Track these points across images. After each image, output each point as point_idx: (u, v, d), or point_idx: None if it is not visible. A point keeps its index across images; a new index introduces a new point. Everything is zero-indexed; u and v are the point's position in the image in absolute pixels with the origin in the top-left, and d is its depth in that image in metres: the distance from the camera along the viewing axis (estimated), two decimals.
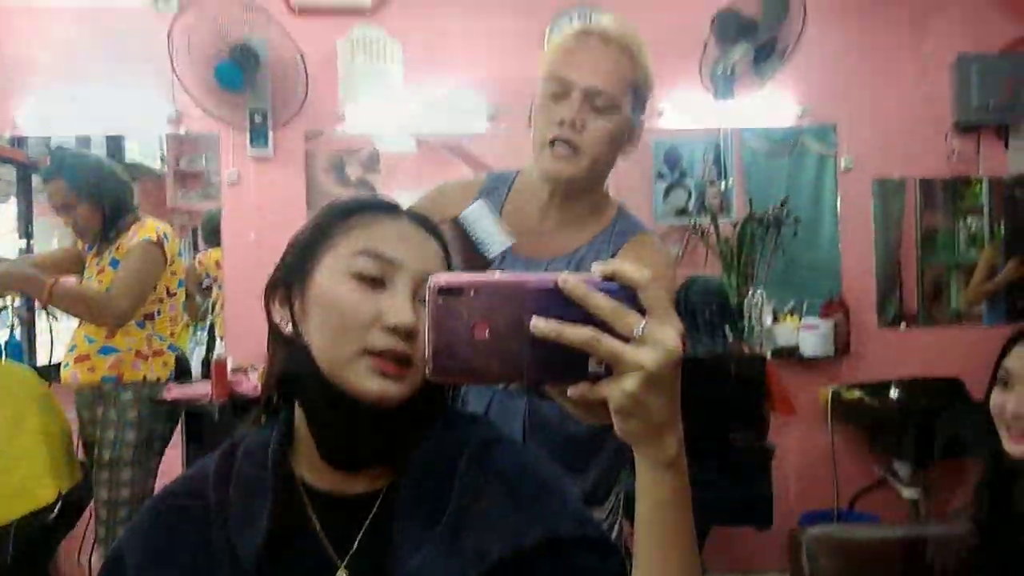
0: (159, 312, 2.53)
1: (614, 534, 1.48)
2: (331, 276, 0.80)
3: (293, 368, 0.81)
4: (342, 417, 0.78)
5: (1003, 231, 3.72)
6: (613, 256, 1.34)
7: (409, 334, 0.76)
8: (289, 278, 0.83)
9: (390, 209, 0.85)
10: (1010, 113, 3.55)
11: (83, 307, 2.40)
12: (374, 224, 0.82)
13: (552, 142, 1.26)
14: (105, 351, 2.44)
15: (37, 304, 2.78)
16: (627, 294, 0.59)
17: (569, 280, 0.58)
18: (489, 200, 1.37)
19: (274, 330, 0.85)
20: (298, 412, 0.84)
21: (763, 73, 3.45)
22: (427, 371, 0.59)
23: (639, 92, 1.32)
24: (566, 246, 1.37)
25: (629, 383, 0.58)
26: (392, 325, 0.76)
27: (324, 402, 0.79)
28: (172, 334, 2.59)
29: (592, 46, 1.28)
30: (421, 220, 0.86)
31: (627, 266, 0.59)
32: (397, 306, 0.77)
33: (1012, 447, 1.26)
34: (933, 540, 1.59)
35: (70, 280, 2.47)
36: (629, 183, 3.56)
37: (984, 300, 3.68)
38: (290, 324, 0.82)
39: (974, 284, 3.68)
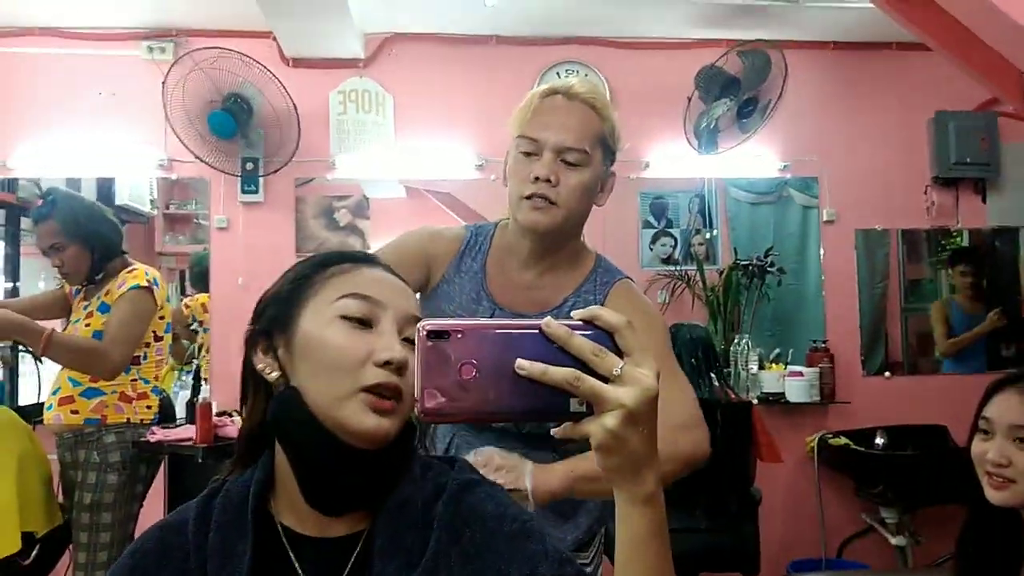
0: (145, 356, 2.52)
1: (598, 574, 1.47)
2: (319, 320, 0.82)
3: (281, 413, 0.82)
4: (330, 458, 0.79)
5: (984, 282, 3.78)
6: (601, 304, 1.36)
7: (400, 368, 0.79)
8: (271, 328, 0.86)
9: (365, 258, 0.90)
10: (986, 168, 3.65)
11: (78, 358, 2.38)
12: (352, 271, 0.86)
13: (529, 197, 1.31)
14: (89, 394, 2.42)
15: (21, 346, 2.77)
16: (605, 337, 0.62)
17: (552, 324, 0.61)
18: (471, 253, 1.43)
19: (255, 378, 0.87)
20: (279, 457, 0.84)
21: (746, 128, 3.54)
22: (416, 411, 0.62)
23: (607, 144, 1.37)
24: (552, 298, 1.40)
25: (610, 420, 0.61)
26: (385, 360, 0.79)
27: (314, 444, 0.80)
28: (157, 377, 2.58)
29: (559, 105, 1.33)
30: (391, 270, 0.91)
31: (604, 311, 0.63)
32: (386, 343, 0.80)
33: (992, 494, 1.28)
34: None
35: (64, 331, 2.46)
36: (616, 231, 3.61)
37: (958, 351, 3.72)
38: (276, 370, 0.84)
39: (939, 339, 3.73)
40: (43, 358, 2.43)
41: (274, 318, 0.86)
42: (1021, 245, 3.80)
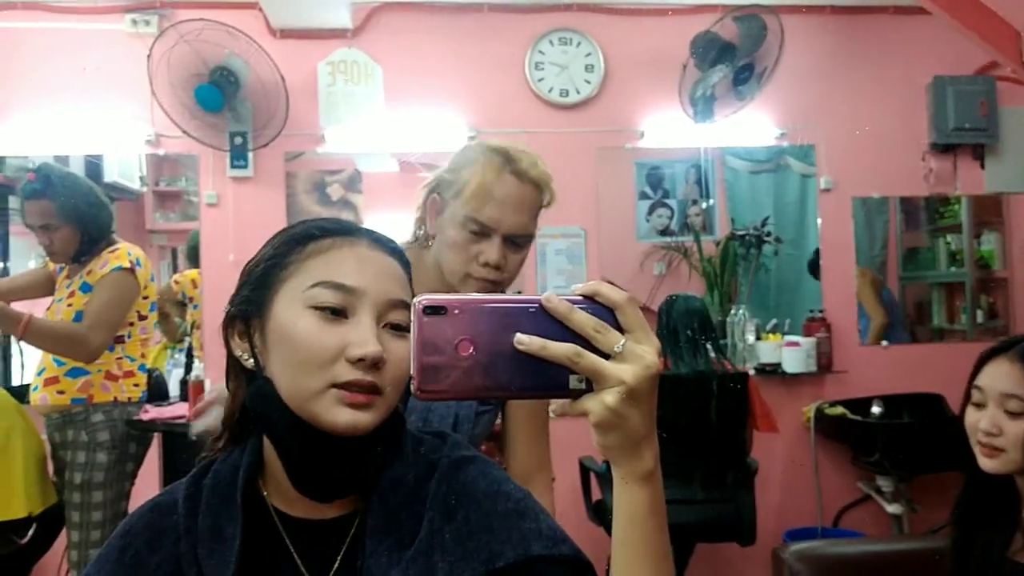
0: (129, 335, 2.50)
1: None
2: (290, 309, 0.78)
3: (258, 403, 0.79)
4: (312, 450, 0.77)
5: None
6: None
7: (375, 364, 0.75)
8: (247, 312, 0.82)
9: (347, 232, 0.83)
10: (985, 133, 3.60)
11: (57, 344, 2.36)
12: (331, 251, 0.80)
13: (476, 278, 1.32)
14: (74, 373, 2.41)
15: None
16: (606, 313, 0.62)
17: (552, 298, 0.61)
18: None
19: (235, 363, 0.84)
20: (266, 442, 0.82)
21: (742, 95, 3.49)
22: (412, 388, 0.61)
23: (540, 210, 1.39)
24: None
25: (610, 397, 0.60)
26: (358, 357, 0.75)
27: (293, 436, 0.77)
28: (143, 355, 2.56)
29: (511, 192, 1.31)
30: (380, 239, 0.85)
31: (605, 287, 0.62)
32: (361, 337, 0.76)
33: (984, 463, 1.29)
34: (914, 555, 1.59)
35: (44, 317, 2.43)
36: (613, 203, 3.58)
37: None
38: (252, 358, 0.81)
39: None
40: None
41: (249, 301, 0.82)
42: None
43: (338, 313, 0.77)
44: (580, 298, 0.62)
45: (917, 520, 3.25)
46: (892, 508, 3.23)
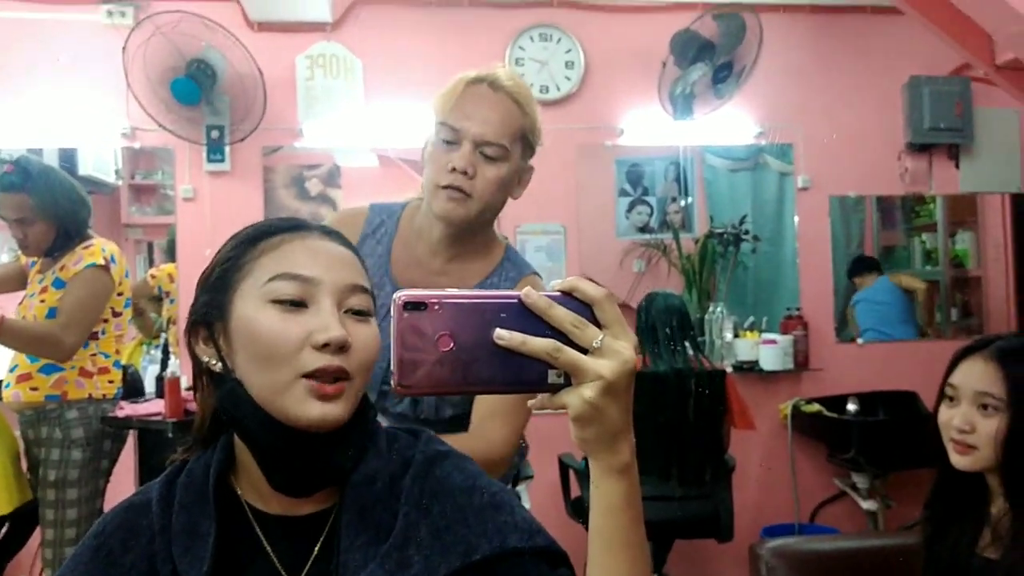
0: (103, 332, 2.46)
1: None
2: (250, 307, 0.78)
3: (229, 404, 0.79)
4: (285, 446, 0.77)
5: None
6: None
7: (341, 348, 0.76)
8: (208, 317, 0.81)
9: (296, 227, 0.84)
10: (960, 134, 3.65)
11: (31, 344, 2.32)
12: (283, 246, 0.81)
13: (445, 187, 1.31)
14: (47, 370, 2.37)
15: None
16: (584, 309, 0.63)
17: (531, 294, 0.62)
18: (376, 235, 1.43)
19: (203, 370, 0.83)
20: (238, 441, 0.82)
21: (721, 94, 3.50)
22: (392, 384, 0.61)
23: (527, 139, 1.37)
24: (455, 287, 1.38)
25: (588, 392, 0.62)
26: (323, 342, 0.75)
27: (266, 433, 0.77)
28: (118, 351, 2.53)
29: (483, 95, 1.32)
30: (330, 232, 0.85)
31: (584, 283, 0.63)
32: (324, 323, 0.76)
33: (957, 460, 1.30)
34: (888, 551, 1.60)
35: (16, 316, 2.40)
36: (592, 200, 3.58)
37: None
38: (219, 362, 0.81)
39: None
40: None
41: (209, 305, 0.81)
42: None
43: (298, 304, 0.77)
44: (559, 294, 0.63)
45: (892, 516, 3.29)
46: (867, 504, 3.27)
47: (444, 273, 1.40)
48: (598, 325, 0.63)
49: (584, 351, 0.62)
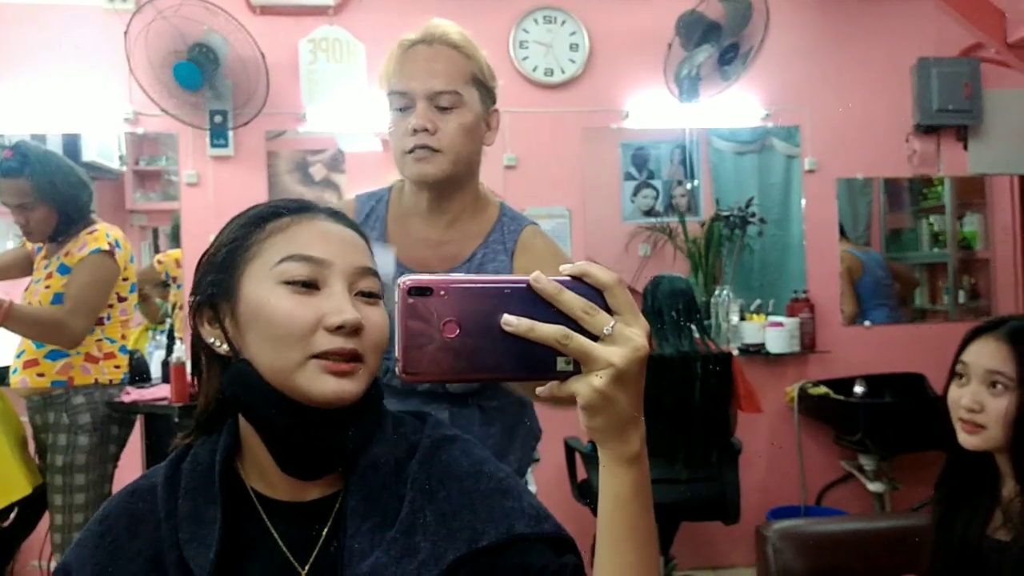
0: (109, 317, 2.46)
1: None
2: (261, 288, 0.77)
3: (237, 385, 0.78)
4: (297, 424, 0.76)
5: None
6: (511, 253, 1.38)
7: (355, 330, 0.75)
8: (214, 298, 0.80)
9: (304, 208, 0.83)
10: (968, 115, 3.61)
11: (37, 330, 2.32)
12: (292, 227, 0.80)
13: (411, 151, 1.30)
14: (54, 355, 2.37)
15: None
16: (594, 294, 0.61)
17: (541, 279, 0.60)
18: (368, 222, 1.42)
19: (206, 351, 0.82)
20: (244, 426, 0.81)
21: (727, 76, 3.47)
22: (397, 370, 0.60)
23: (481, 82, 1.36)
24: (462, 251, 1.39)
25: (598, 380, 0.60)
26: (337, 325, 0.74)
27: (278, 413, 0.76)
28: (124, 336, 2.53)
29: (421, 53, 1.32)
30: (337, 214, 0.85)
31: (594, 268, 0.61)
32: (337, 305, 0.75)
33: (965, 439, 1.30)
34: (895, 532, 1.60)
35: (23, 301, 2.40)
36: (598, 183, 3.56)
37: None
38: (225, 343, 0.80)
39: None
40: None
41: (215, 285, 0.80)
42: None
43: (309, 285, 0.77)
44: (569, 279, 0.61)
45: (898, 498, 3.29)
46: (874, 486, 3.27)
47: (445, 242, 1.39)
48: (609, 311, 0.61)
49: (595, 338, 0.60)
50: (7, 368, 2.50)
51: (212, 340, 0.81)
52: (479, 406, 1.34)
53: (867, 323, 3.68)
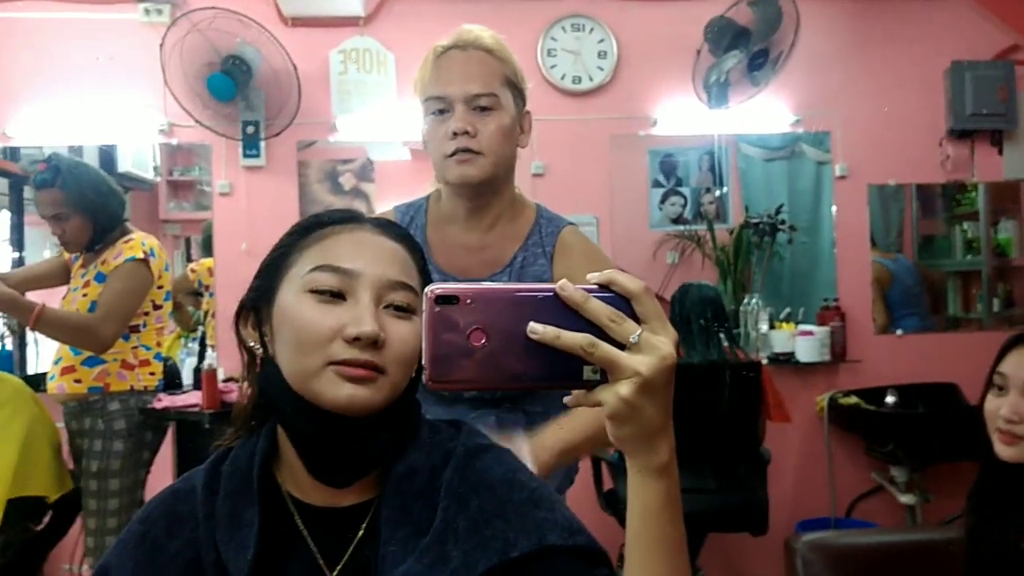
0: (144, 324, 2.51)
1: None
2: (292, 295, 0.80)
3: (267, 386, 0.81)
4: (317, 430, 0.77)
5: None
6: (550, 255, 1.39)
7: (373, 343, 0.76)
8: (258, 302, 0.84)
9: (349, 219, 0.85)
10: (1003, 119, 3.55)
11: (68, 334, 2.36)
12: (330, 237, 0.82)
13: (452, 154, 1.30)
14: (91, 362, 2.42)
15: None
16: (621, 302, 0.60)
17: (567, 287, 0.60)
18: (409, 231, 1.42)
19: (249, 353, 0.85)
20: (280, 430, 0.83)
21: (756, 81, 3.45)
22: (424, 378, 0.60)
23: (514, 84, 1.37)
24: (502, 255, 1.39)
25: (625, 389, 0.59)
26: (354, 336, 0.75)
27: (298, 416, 0.78)
28: (159, 344, 2.57)
29: (456, 58, 1.34)
30: (384, 225, 0.86)
31: (621, 276, 0.61)
32: (358, 317, 0.76)
33: (1002, 450, 1.27)
34: (927, 545, 1.57)
35: (58, 307, 2.45)
36: (626, 191, 3.56)
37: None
38: (260, 346, 0.83)
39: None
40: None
41: (258, 291, 0.84)
42: None
43: (336, 295, 0.78)
44: (595, 287, 0.61)
45: (930, 510, 3.23)
46: (905, 498, 3.21)
47: (485, 247, 1.40)
48: (636, 320, 0.60)
49: (621, 346, 0.59)
50: (43, 375, 2.56)
51: (251, 343, 0.84)
52: (524, 411, 1.35)
53: (899, 332, 3.62)
